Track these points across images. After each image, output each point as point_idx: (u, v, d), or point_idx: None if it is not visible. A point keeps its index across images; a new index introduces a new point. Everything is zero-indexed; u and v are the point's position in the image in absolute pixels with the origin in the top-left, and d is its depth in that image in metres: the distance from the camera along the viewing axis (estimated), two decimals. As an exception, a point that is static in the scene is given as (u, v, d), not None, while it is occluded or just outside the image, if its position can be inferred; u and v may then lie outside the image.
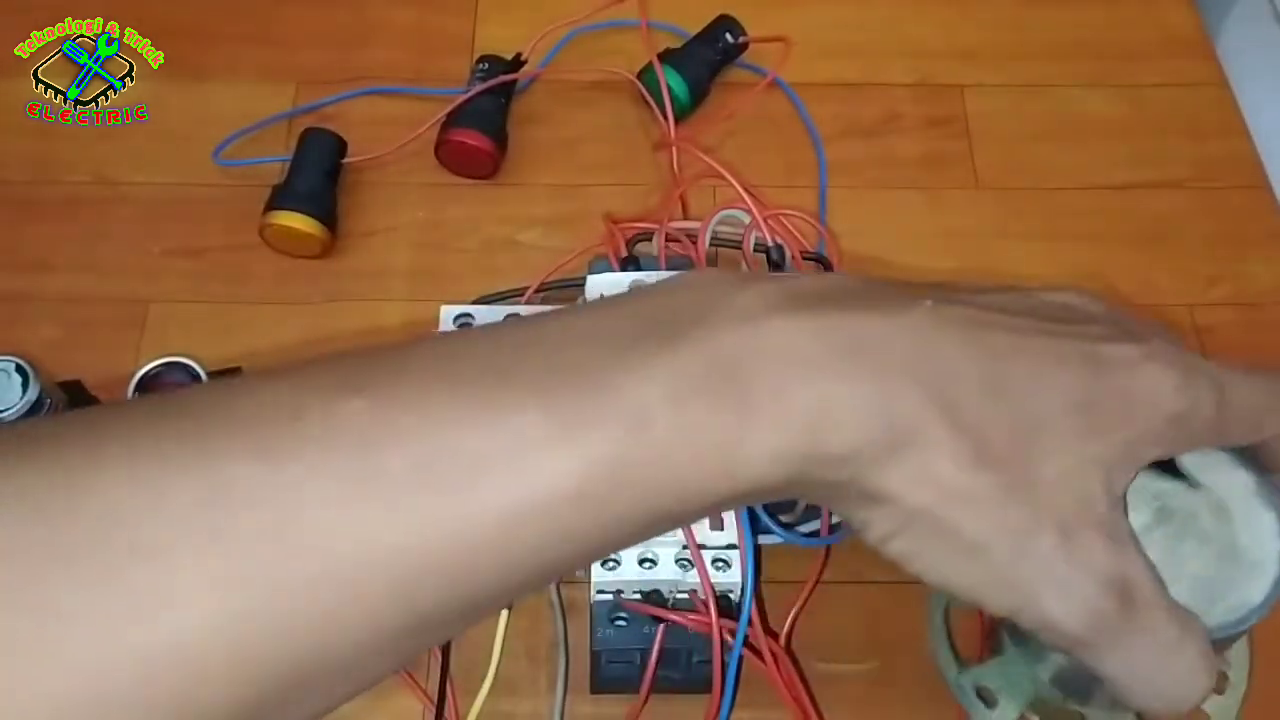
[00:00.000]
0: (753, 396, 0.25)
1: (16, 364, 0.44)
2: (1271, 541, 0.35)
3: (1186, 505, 0.36)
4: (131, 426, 0.24)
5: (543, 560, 0.25)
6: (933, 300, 0.28)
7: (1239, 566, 0.35)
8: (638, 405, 0.25)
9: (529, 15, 0.65)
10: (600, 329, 0.27)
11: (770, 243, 0.50)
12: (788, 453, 0.25)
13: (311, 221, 0.57)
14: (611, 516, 0.25)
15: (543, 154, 0.63)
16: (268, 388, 0.25)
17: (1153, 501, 0.36)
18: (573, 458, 0.24)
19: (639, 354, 0.25)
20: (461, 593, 0.24)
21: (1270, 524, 0.35)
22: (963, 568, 0.27)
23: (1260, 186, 0.62)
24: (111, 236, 0.60)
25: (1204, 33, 0.68)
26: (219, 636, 0.22)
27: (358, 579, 0.23)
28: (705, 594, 0.42)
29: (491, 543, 0.24)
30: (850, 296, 0.28)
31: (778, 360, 0.26)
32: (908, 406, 0.26)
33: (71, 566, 0.21)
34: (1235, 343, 0.57)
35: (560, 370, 0.25)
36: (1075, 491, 0.27)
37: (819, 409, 0.25)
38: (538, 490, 0.24)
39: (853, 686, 0.47)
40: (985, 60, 0.67)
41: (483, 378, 0.25)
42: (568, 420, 0.24)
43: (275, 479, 0.23)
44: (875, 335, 0.26)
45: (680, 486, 0.25)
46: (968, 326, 0.27)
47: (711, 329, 0.26)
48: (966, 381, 0.26)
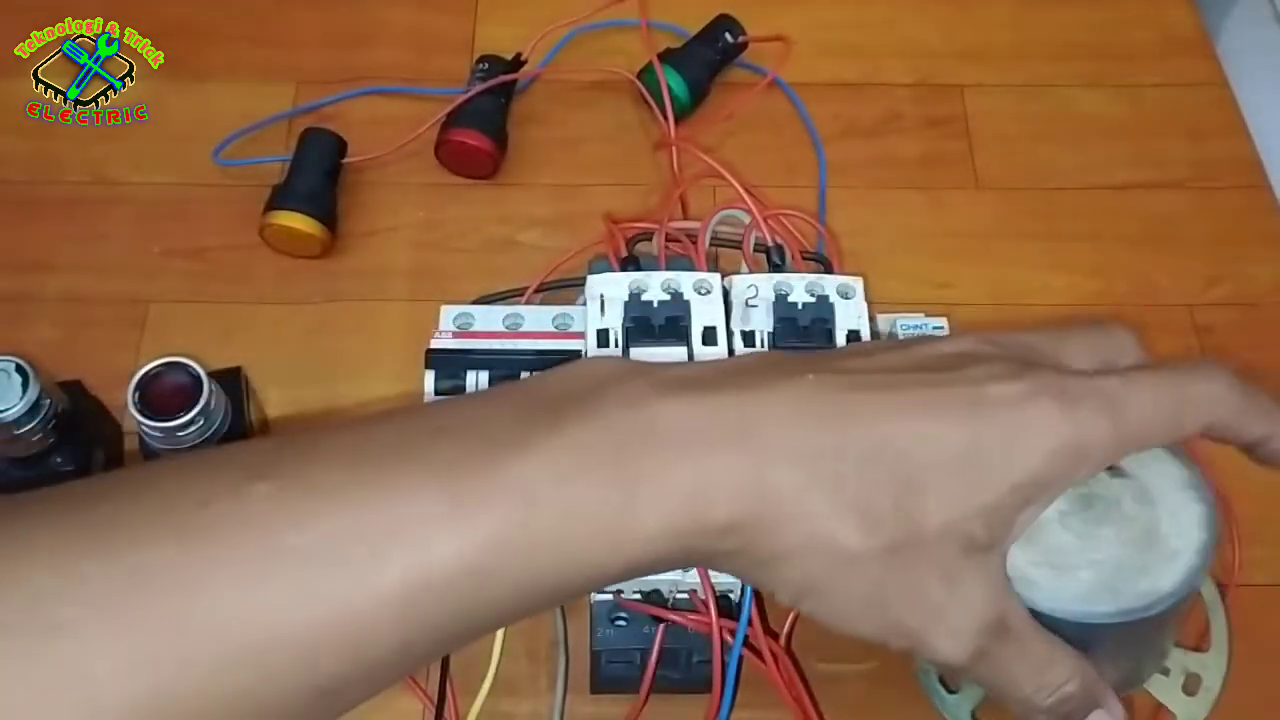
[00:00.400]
0: (636, 475, 0.27)
1: (16, 364, 0.44)
2: (1196, 532, 0.35)
3: (1110, 492, 0.37)
4: (59, 514, 0.25)
5: (442, 632, 0.26)
6: (814, 374, 0.29)
7: (1158, 554, 0.35)
8: (527, 484, 0.26)
9: (529, 15, 0.65)
10: (496, 412, 0.28)
11: (770, 243, 0.50)
12: (672, 527, 0.27)
13: (311, 221, 0.57)
14: (507, 590, 0.26)
15: (543, 154, 0.63)
16: (181, 475, 0.27)
17: (1074, 488, 0.37)
18: (467, 535, 0.26)
19: (531, 434, 0.27)
20: (364, 663, 0.26)
21: (1197, 515, 0.35)
22: (862, 621, 0.29)
23: (1260, 186, 0.62)
24: (111, 236, 0.60)
25: (1204, 33, 0.68)
26: (132, 712, 0.23)
27: (263, 655, 0.24)
28: (705, 594, 0.42)
29: (392, 616, 0.25)
30: (735, 377, 0.29)
31: (660, 439, 0.27)
32: (789, 481, 0.27)
33: (4, 638, 0.23)
34: (1235, 343, 0.57)
35: (458, 452, 0.27)
36: (959, 542, 0.29)
37: (699, 484, 0.27)
38: (435, 566, 0.25)
39: (853, 686, 0.48)
40: (985, 60, 0.67)
41: (385, 461, 0.27)
42: (463, 499, 0.26)
43: (185, 562, 0.24)
44: (756, 413, 0.28)
45: (570, 561, 0.27)
46: (848, 394, 0.29)
47: (600, 411, 0.27)
48: (847, 452, 0.28)
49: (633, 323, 0.45)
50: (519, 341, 0.47)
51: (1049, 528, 0.37)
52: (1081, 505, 0.37)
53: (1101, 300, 0.58)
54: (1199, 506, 0.36)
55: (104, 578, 0.24)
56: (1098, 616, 0.35)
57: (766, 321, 0.46)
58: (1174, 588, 0.35)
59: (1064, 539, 0.36)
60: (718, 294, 0.46)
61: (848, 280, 0.47)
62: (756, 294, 0.47)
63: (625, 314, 0.46)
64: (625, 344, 0.45)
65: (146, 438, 0.45)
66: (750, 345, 0.45)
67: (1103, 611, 0.35)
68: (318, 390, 0.55)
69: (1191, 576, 0.35)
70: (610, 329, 0.45)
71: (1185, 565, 0.35)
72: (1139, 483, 0.37)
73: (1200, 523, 0.35)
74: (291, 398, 0.54)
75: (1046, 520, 0.37)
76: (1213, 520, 0.35)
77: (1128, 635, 0.36)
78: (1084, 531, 0.36)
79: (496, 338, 0.47)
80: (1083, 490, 0.37)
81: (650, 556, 0.27)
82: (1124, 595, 0.35)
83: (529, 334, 0.47)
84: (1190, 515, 0.36)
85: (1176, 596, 0.35)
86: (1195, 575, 0.35)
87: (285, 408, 0.54)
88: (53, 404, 0.45)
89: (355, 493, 0.26)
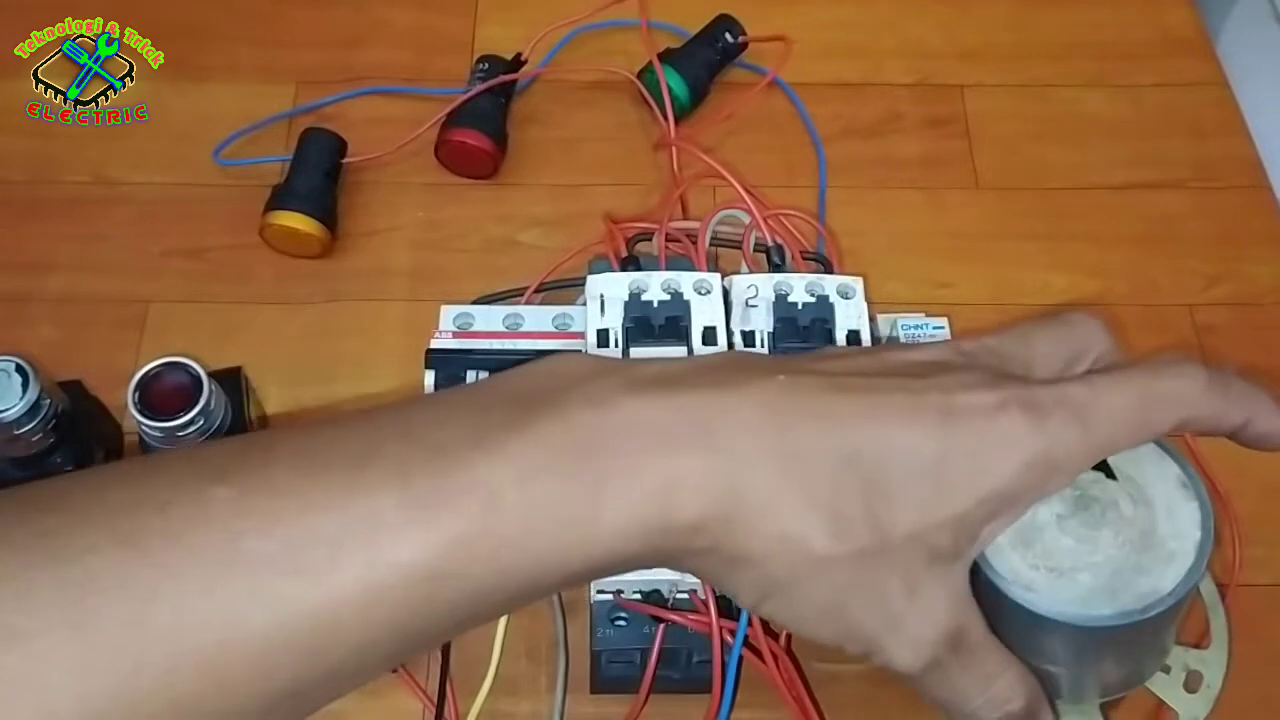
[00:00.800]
0: (604, 472, 0.27)
1: (16, 364, 0.44)
2: (1192, 531, 0.35)
3: (1107, 494, 0.37)
4: (10, 522, 0.25)
5: (404, 634, 0.26)
6: (786, 374, 0.29)
7: (1156, 555, 0.35)
8: (491, 483, 0.26)
9: (529, 15, 0.65)
10: (460, 412, 0.28)
11: (770, 243, 0.50)
12: (641, 525, 0.27)
13: (311, 221, 0.57)
14: (469, 591, 0.26)
15: (543, 154, 0.63)
16: (142, 478, 0.27)
17: (1072, 491, 0.37)
18: (428, 537, 0.25)
19: (494, 433, 0.27)
20: (324, 666, 0.26)
21: (1192, 514, 0.36)
22: (822, 625, 0.29)
23: (1260, 186, 0.62)
24: (111, 236, 0.60)
25: (1204, 33, 0.68)
26: (88, 717, 0.23)
27: (218, 660, 0.24)
28: (705, 594, 0.42)
29: (353, 619, 0.25)
30: (703, 375, 0.29)
31: (629, 437, 0.27)
32: (759, 480, 0.27)
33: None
34: (1235, 342, 0.57)
35: (420, 453, 0.26)
36: (924, 551, 0.29)
37: (669, 483, 0.27)
38: (394, 568, 0.25)
39: (853, 686, 0.47)
40: (985, 60, 0.67)
41: (346, 463, 0.26)
42: (424, 500, 0.26)
43: (142, 568, 0.24)
44: (727, 413, 0.28)
45: (535, 560, 0.26)
46: (820, 397, 0.28)
47: (564, 409, 0.27)
48: (817, 455, 0.28)
49: (633, 323, 0.45)
50: (519, 341, 0.47)
51: (1046, 531, 0.37)
52: (1078, 507, 0.37)
53: (1101, 300, 0.58)
54: (1195, 505, 0.36)
55: (57, 585, 0.24)
56: (1097, 620, 0.35)
57: (766, 321, 0.46)
58: (1172, 588, 0.35)
59: (1062, 542, 0.36)
60: (718, 294, 0.46)
61: (848, 280, 0.47)
62: (756, 294, 0.47)
63: (625, 314, 0.46)
64: (625, 344, 0.45)
65: (146, 438, 0.45)
66: (750, 345, 0.45)
67: (1102, 614, 0.35)
68: (317, 390, 0.55)
69: (1190, 577, 0.35)
70: (610, 329, 0.45)
71: (1183, 565, 0.35)
72: (1135, 483, 0.37)
73: (1197, 522, 0.35)
74: (291, 398, 0.54)
75: (1044, 523, 0.37)
76: (1210, 519, 0.36)
77: (1128, 636, 0.36)
78: (1081, 534, 0.36)
79: (496, 338, 0.47)
80: (1079, 493, 0.37)
81: (618, 555, 0.27)
82: (1123, 597, 0.35)
83: (529, 334, 0.47)
84: (1187, 514, 0.36)
85: (1175, 597, 0.35)
86: (1193, 575, 0.35)
87: (285, 408, 0.54)
88: (53, 404, 0.45)
89: (316, 496, 0.26)
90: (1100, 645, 0.37)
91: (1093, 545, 0.36)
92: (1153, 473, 0.37)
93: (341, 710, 0.47)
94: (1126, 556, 0.36)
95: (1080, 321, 0.33)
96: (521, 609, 0.30)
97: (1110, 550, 0.36)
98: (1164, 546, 0.35)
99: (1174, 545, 0.35)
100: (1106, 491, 0.37)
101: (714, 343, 0.45)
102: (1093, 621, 0.35)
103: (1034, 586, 0.36)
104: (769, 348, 0.45)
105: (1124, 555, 0.36)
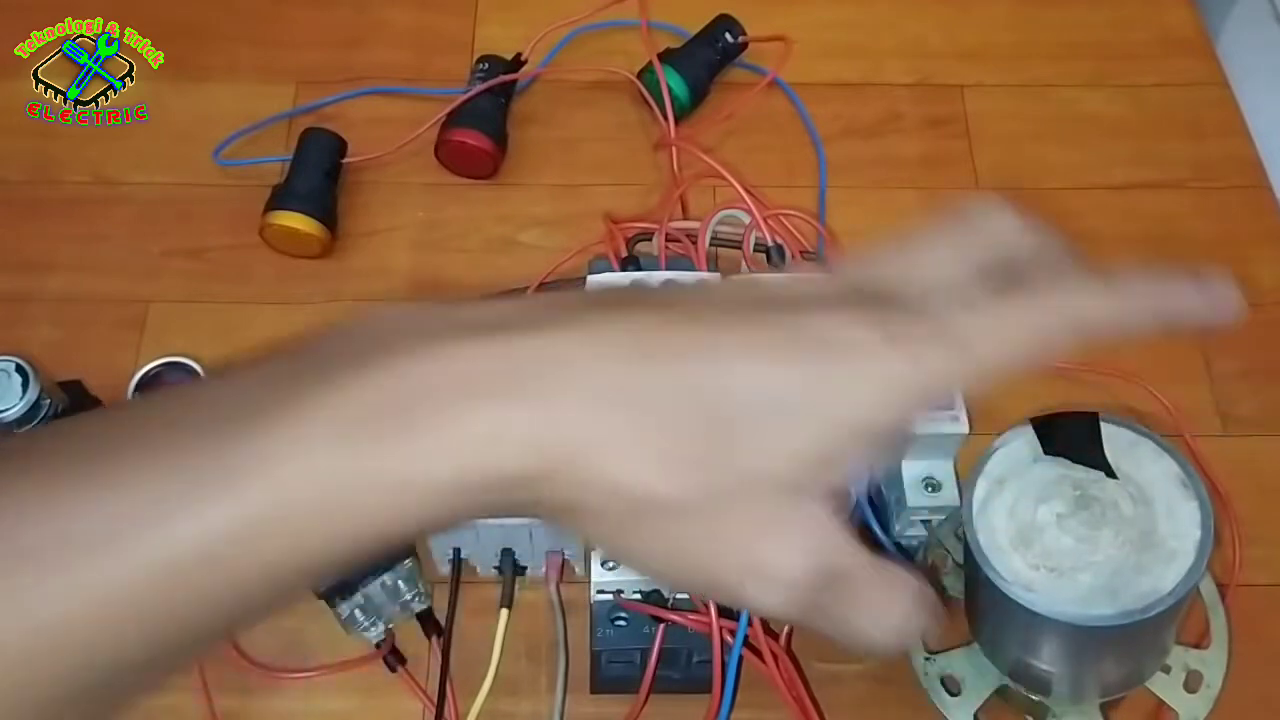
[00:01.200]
0: (419, 427, 0.25)
1: (16, 364, 0.44)
2: (1192, 530, 0.35)
3: (1107, 494, 0.37)
4: None
5: (196, 621, 0.25)
6: (637, 310, 0.27)
7: (1156, 554, 0.35)
8: (282, 456, 0.24)
9: (529, 15, 0.65)
10: (254, 384, 0.26)
11: (770, 243, 0.50)
12: (456, 483, 0.25)
13: (311, 221, 0.57)
14: (269, 569, 0.25)
15: (543, 154, 0.63)
16: None
17: (1072, 491, 0.37)
18: (207, 519, 0.24)
19: (288, 402, 0.25)
20: (105, 665, 0.24)
21: (1192, 514, 0.35)
22: (677, 572, 0.27)
23: (1260, 186, 0.62)
24: (111, 236, 0.60)
25: (1204, 33, 0.68)
26: None
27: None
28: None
29: (132, 612, 0.24)
30: (544, 314, 0.27)
31: (450, 387, 0.25)
32: (587, 427, 0.25)
33: None
34: (1235, 342, 0.57)
35: (200, 431, 0.25)
36: (779, 488, 0.26)
37: (488, 435, 0.25)
38: (174, 555, 0.24)
39: (853, 686, 0.47)
40: (985, 60, 0.67)
41: (129, 446, 0.25)
42: (202, 481, 0.24)
43: None
44: (559, 354, 0.26)
45: (346, 530, 0.25)
46: (664, 333, 0.27)
47: (377, 364, 0.25)
48: (652, 395, 0.26)
49: (633, 322, 0.45)
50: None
51: (1047, 531, 0.37)
52: (1078, 507, 0.37)
53: (1102, 300, 0.58)
54: (1195, 504, 0.36)
55: None
56: (1098, 620, 0.35)
57: (767, 321, 0.46)
58: (1173, 588, 0.35)
59: (1063, 542, 0.36)
60: (718, 294, 0.46)
61: (848, 280, 0.47)
62: (757, 294, 0.47)
63: (625, 314, 0.46)
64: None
65: (146, 438, 0.45)
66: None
67: (1103, 614, 0.35)
68: (318, 390, 0.55)
69: (1190, 576, 0.35)
70: (610, 329, 0.45)
71: (1184, 565, 0.35)
72: (1135, 483, 0.37)
73: (1197, 521, 0.35)
74: (291, 398, 0.54)
75: (1044, 523, 0.37)
76: (1210, 517, 0.35)
77: (1128, 635, 0.36)
78: (1082, 534, 0.36)
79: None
80: (1079, 493, 0.37)
81: (443, 513, 0.25)
82: (1123, 597, 0.35)
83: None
84: (1187, 514, 0.36)
85: (1176, 597, 0.35)
86: (1194, 574, 0.35)
87: (285, 408, 0.54)
88: (53, 404, 0.45)
89: (95, 484, 0.24)
90: (1100, 645, 0.37)
91: (1093, 545, 0.36)
92: (1153, 472, 0.37)
93: (342, 710, 0.48)
94: (1127, 556, 0.36)
95: (978, 219, 0.30)
96: (349, 569, 0.27)
97: (1110, 550, 0.36)
98: (1164, 546, 0.35)
99: (1174, 544, 0.35)
100: (1106, 491, 0.37)
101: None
102: (1093, 621, 0.35)
103: (1034, 586, 0.36)
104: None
105: (1124, 555, 0.36)
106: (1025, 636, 0.39)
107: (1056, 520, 0.37)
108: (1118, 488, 0.37)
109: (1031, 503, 0.37)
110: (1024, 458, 0.38)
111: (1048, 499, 0.37)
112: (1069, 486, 0.37)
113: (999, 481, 0.38)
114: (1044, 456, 0.38)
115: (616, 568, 0.43)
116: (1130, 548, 0.36)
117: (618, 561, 0.28)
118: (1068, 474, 0.37)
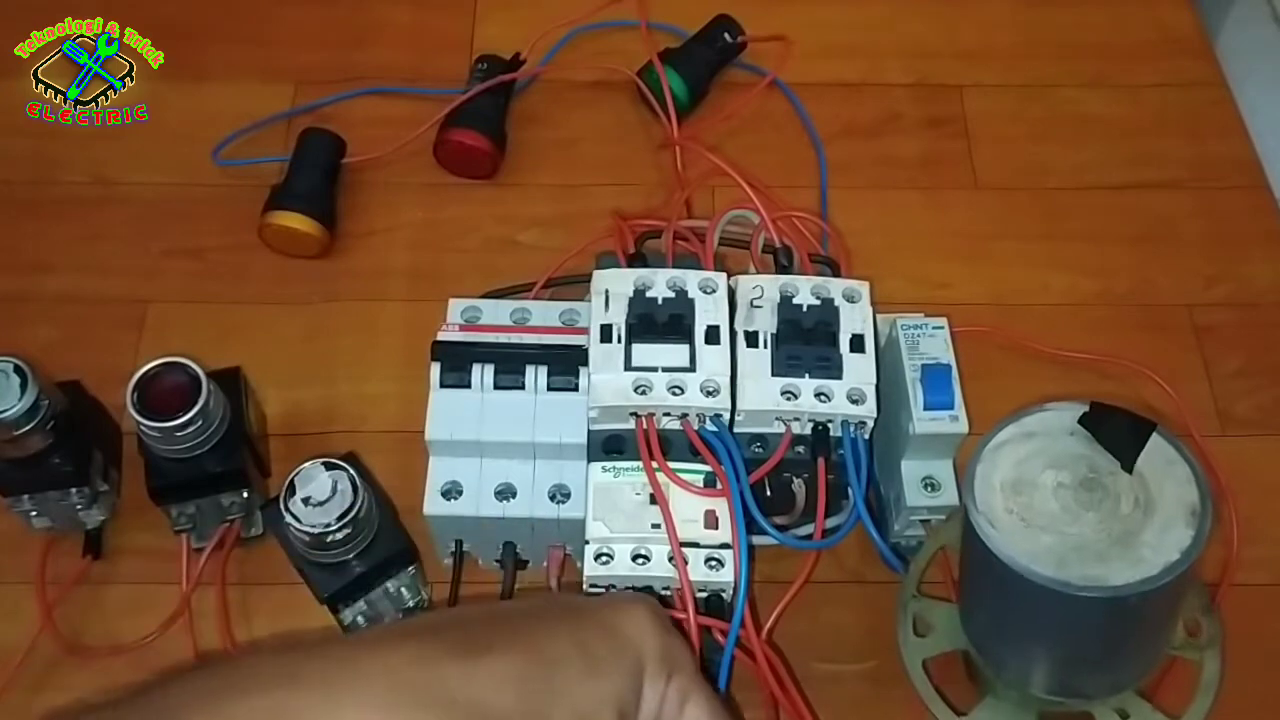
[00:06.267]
0: None
1: (15, 364, 0.44)
2: (1173, 554, 0.35)
3: (1115, 486, 0.37)
4: None
5: None
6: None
7: (1126, 555, 0.35)
8: None
9: (529, 15, 0.65)
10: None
11: (778, 244, 0.50)
12: None
13: (311, 221, 0.57)
14: None
15: (542, 154, 0.63)
16: None
17: (1086, 470, 0.37)
18: None
19: None
20: None
21: (1182, 540, 0.36)
22: None
23: (1259, 186, 0.62)
24: (111, 236, 0.60)
25: (1204, 33, 0.68)
26: None
27: None
28: (685, 592, 0.42)
29: None
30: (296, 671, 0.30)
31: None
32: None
33: None
34: (1235, 342, 0.57)
35: None
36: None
37: None
38: None
39: (852, 686, 0.48)
40: (985, 60, 0.67)
41: None
42: None
43: None
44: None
45: None
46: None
47: None
48: None
49: (636, 319, 0.45)
50: (525, 336, 0.47)
51: (1040, 490, 0.37)
52: (1081, 485, 0.37)
53: (1101, 300, 0.58)
54: (1191, 534, 0.36)
55: None
56: (1029, 572, 0.35)
57: (770, 322, 0.46)
58: (1118, 585, 0.35)
59: (1049, 504, 0.37)
60: (723, 293, 0.46)
61: (854, 284, 0.47)
62: (762, 294, 0.47)
63: (629, 310, 0.46)
64: (628, 340, 0.45)
65: (145, 438, 0.45)
66: (753, 345, 0.45)
67: (1038, 572, 0.35)
68: (316, 390, 0.55)
69: (1143, 584, 0.35)
70: (614, 324, 0.45)
71: (1143, 573, 0.35)
72: (1148, 490, 0.37)
73: (1182, 548, 0.35)
74: (290, 398, 0.54)
75: (1042, 483, 0.37)
76: (1196, 550, 0.35)
77: (1053, 607, 0.36)
78: (1071, 506, 0.37)
79: (504, 331, 0.47)
80: (1092, 475, 0.37)
81: None
82: (1068, 569, 0.35)
83: (536, 329, 0.47)
84: (1176, 538, 0.36)
85: (1114, 593, 0.35)
86: (1147, 584, 0.35)
87: (283, 408, 0.54)
88: (52, 404, 0.45)
89: None
90: (1026, 603, 0.37)
91: (1074, 518, 0.36)
92: (1171, 492, 0.37)
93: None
94: (1098, 542, 0.36)
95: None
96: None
97: (1087, 530, 0.36)
98: (1138, 551, 0.36)
99: (1149, 555, 0.35)
100: (1116, 484, 0.37)
101: (716, 341, 0.45)
102: (1026, 573, 0.35)
103: (997, 525, 0.36)
104: (772, 349, 0.45)
105: (1096, 540, 0.36)
106: (973, 566, 0.39)
107: (1055, 486, 0.37)
108: (1128, 485, 0.37)
109: (1042, 463, 0.38)
110: (1063, 426, 0.39)
111: (1059, 467, 0.38)
112: (1084, 465, 0.38)
113: (1028, 435, 0.39)
114: (1080, 431, 0.38)
115: (609, 563, 0.43)
116: (1107, 538, 0.36)
117: None
118: (1090, 456, 0.38)
